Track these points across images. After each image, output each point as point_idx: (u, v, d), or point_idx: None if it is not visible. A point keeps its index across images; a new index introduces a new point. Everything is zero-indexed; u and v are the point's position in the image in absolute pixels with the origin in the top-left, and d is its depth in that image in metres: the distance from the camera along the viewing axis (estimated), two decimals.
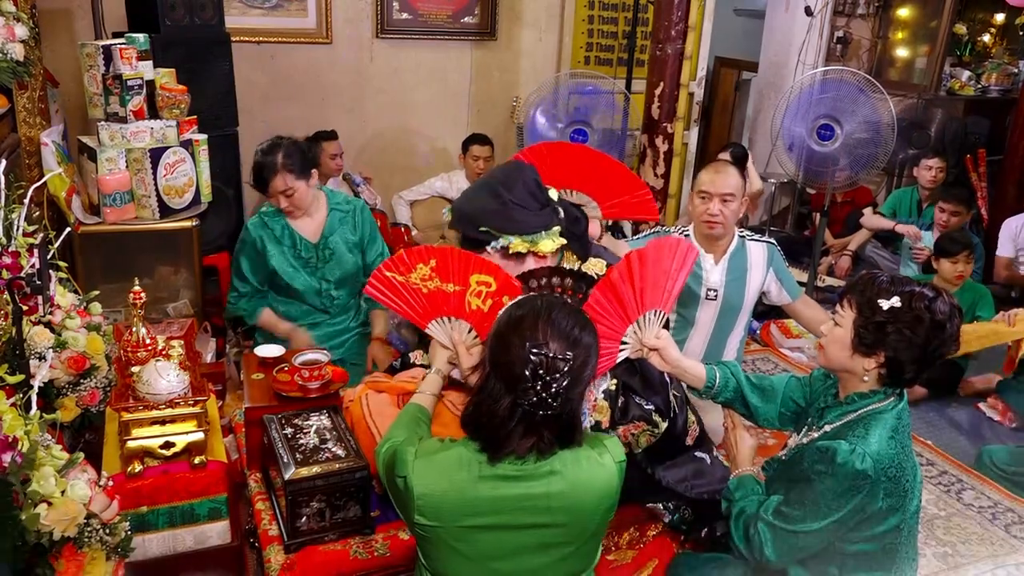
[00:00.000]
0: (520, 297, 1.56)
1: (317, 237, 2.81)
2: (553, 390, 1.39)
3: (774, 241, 2.88)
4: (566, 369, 1.40)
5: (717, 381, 1.96)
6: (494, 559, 1.48)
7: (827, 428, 1.75)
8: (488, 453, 1.44)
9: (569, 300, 1.90)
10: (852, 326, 1.68)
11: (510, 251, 1.96)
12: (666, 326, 1.95)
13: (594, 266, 2.05)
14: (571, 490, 1.45)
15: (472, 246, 1.99)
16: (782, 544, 1.70)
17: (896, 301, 1.62)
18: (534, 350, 1.39)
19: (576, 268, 2.03)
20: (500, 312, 1.53)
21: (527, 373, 1.38)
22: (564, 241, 2.00)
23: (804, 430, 1.85)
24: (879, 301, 1.64)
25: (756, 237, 2.87)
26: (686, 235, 2.85)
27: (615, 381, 1.95)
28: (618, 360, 1.86)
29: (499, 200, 1.97)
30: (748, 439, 1.97)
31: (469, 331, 1.90)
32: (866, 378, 1.71)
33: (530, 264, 2.00)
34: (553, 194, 2.08)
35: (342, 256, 2.84)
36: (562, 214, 2.03)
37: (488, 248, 1.97)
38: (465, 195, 2.15)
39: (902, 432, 1.69)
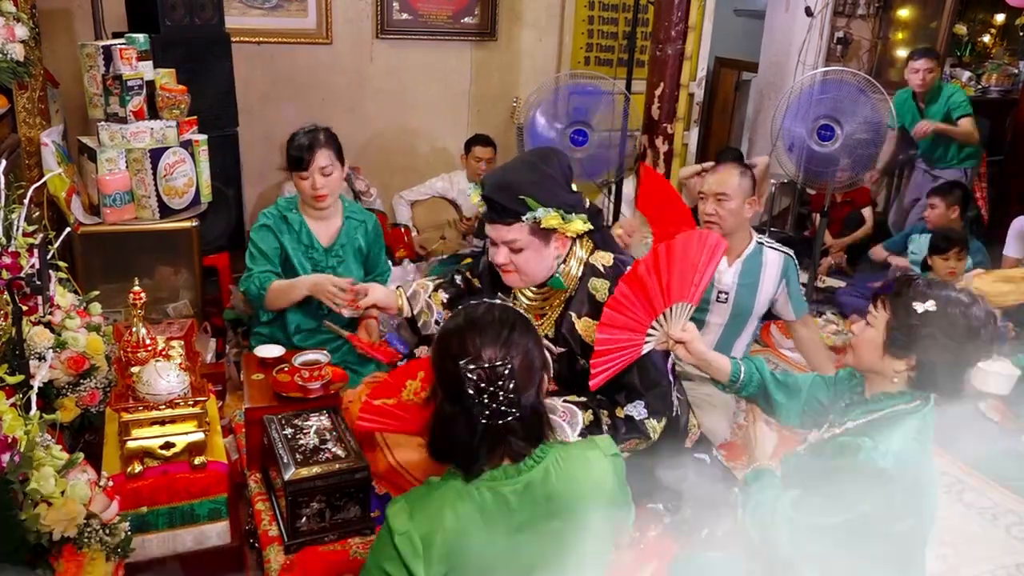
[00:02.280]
0: (451, 314, 1.52)
1: (330, 242, 2.81)
2: (502, 398, 1.36)
3: (791, 253, 2.86)
4: (507, 373, 1.36)
5: (742, 376, 1.96)
6: None
7: (850, 425, 1.74)
8: (462, 473, 1.41)
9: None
10: (885, 327, 1.67)
11: (541, 224, 1.90)
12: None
13: (601, 258, 2.04)
14: (566, 491, 1.44)
15: (502, 216, 1.93)
16: (799, 538, 1.69)
17: (931, 305, 1.62)
18: (469, 366, 1.36)
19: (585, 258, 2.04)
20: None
21: (470, 391, 1.36)
22: (591, 226, 1.98)
23: (825, 426, 1.84)
24: (914, 304, 1.63)
25: (775, 245, 2.86)
26: None
27: (589, 413, 1.94)
28: (643, 352, 1.86)
29: (539, 172, 1.95)
30: (769, 433, 1.96)
31: None
32: (895, 379, 1.70)
33: (552, 247, 1.98)
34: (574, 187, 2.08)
35: (350, 264, 2.83)
36: (587, 204, 2.03)
37: (523, 219, 1.91)
38: (501, 169, 2.10)
39: (925, 435, 1.68)
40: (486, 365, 1.36)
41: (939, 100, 4.73)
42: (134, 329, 2.01)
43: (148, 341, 2.00)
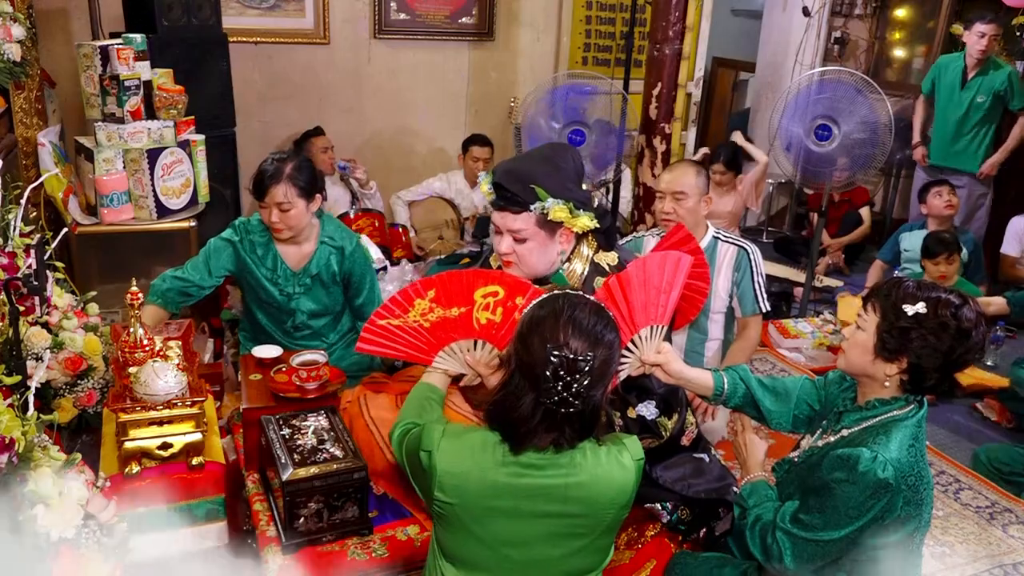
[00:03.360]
0: (545, 295, 1.55)
1: (299, 268, 2.66)
2: (574, 390, 1.41)
3: (749, 248, 2.78)
4: (587, 369, 1.41)
5: (725, 388, 1.92)
6: (508, 545, 1.51)
7: (845, 433, 1.73)
8: (509, 444, 1.48)
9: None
10: (875, 330, 1.65)
11: (548, 216, 1.90)
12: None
13: (605, 257, 2.04)
14: (589, 483, 1.48)
15: (510, 204, 1.92)
16: (802, 553, 1.67)
17: (922, 307, 1.60)
18: (554, 352, 1.41)
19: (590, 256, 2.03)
20: (524, 311, 1.54)
21: (548, 373, 1.41)
22: (597, 224, 1.97)
23: (819, 433, 1.83)
24: (904, 306, 1.61)
25: (734, 239, 2.80)
26: (661, 236, 2.85)
27: (603, 413, 1.93)
28: (618, 381, 1.84)
29: (552, 165, 1.94)
30: (759, 443, 1.94)
31: (483, 347, 1.83)
32: (887, 383, 1.68)
33: (556, 242, 1.97)
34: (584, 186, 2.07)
35: (318, 291, 2.69)
36: (596, 202, 2.02)
37: (532, 208, 1.90)
38: (513, 158, 2.08)
39: (921, 440, 1.68)
40: (570, 356, 1.41)
41: (1000, 73, 4.57)
42: (131, 329, 2.00)
43: (145, 341, 2.00)
